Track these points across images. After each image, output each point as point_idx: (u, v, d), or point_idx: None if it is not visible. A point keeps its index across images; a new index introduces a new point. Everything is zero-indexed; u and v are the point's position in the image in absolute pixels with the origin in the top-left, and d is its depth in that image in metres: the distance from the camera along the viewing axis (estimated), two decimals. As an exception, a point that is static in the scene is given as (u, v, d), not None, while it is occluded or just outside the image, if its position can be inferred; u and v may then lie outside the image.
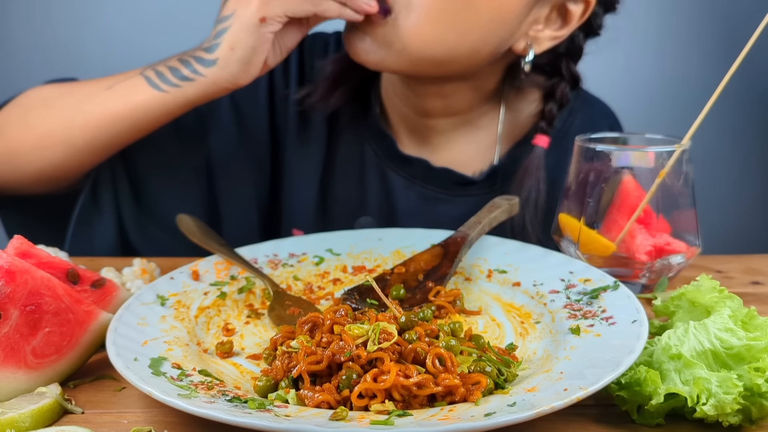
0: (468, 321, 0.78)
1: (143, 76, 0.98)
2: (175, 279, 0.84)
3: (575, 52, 1.09)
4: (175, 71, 0.96)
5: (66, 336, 0.70)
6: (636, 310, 0.71)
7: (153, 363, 0.66)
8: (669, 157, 0.86)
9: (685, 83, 2.00)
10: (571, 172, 0.92)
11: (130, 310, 0.75)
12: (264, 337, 0.77)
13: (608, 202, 0.89)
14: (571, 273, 0.82)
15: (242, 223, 1.16)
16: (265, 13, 0.91)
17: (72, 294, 0.71)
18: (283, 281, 0.87)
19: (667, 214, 0.88)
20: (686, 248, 0.88)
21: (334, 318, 0.68)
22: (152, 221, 1.12)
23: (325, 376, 0.64)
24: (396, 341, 0.64)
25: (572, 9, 1.02)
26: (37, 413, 0.62)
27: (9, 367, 0.66)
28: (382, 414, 0.59)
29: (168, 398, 0.59)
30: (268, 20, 0.91)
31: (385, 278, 0.85)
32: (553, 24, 1.03)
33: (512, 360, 0.67)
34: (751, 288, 0.95)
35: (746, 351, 0.62)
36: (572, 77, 1.10)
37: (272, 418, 0.57)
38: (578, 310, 0.75)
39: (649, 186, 0.86)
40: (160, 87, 0.96)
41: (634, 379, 0.62)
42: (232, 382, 0.67)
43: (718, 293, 0.71)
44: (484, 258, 0.89)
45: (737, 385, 0.59)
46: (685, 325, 0.65)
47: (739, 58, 0.82)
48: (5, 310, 0.66)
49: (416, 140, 1.15)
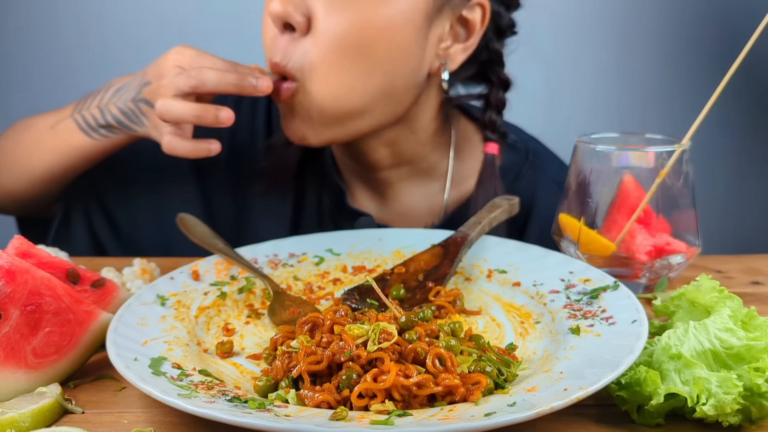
0: (468, 321, 0.78)
1: (73, 119, 1.03)
2: (175, 279, 0.84)
3: (496, 57, 1.08)
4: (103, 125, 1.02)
5: (66, 336, 0.70)
6: (636, 310, 0.71)
7: (153, 363, 0.66)
8: (669, 157, 0.86)
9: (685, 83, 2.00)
10: (571, 172, 0.92)
11: (130, 310, 0.75)
12: (264, 337, 0.77)
13: (608, 202, 0.89)
14: (571, 273, 0.82)
15: None
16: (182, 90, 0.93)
17: (72, 294, 0.71)
18: (283, 281, 0.87)
19: (667, 214, 0.88)
20: (686, 248, 0.88)
21: (334, 318, 0.68)
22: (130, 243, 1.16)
23: (325, 376, 0.64)
24: (396, 341, 0.64)
25: (471, 17, 1.01)
26: (37, 413, 0.62)
27: (9, 367, 0.66)
28: (382, 414, 0.59)
29: (168, 398, 0.59)
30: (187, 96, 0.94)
31: (385, 278, 0.85)
32: (459, 37, 1.03)
33: (512, 360, 0.67)
34: (751, 288, 0.95)
35: (746, 351, 0.62)
36: (501, 82, 1.09)
37: (272, 418, 0.57)
38: (578, 310, 0.75)
39: (649, 186, 0.86)
40: (91, 135, 1.02)
41: (634, 379, 0.62)
42: (232, 382, 0.67)
43: (718, 293, 0.71)
44: (484, 258, 0.89)
45: (737, 385, 0.59)
46: (685, 325, 0.65)
47: (739, 58, 0.82)
48: (5, 310, 0.66)
49: (369, 193, 1.14)
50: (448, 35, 1.01)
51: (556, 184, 1.13)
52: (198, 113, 0.92)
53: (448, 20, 1.00)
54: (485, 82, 1.11)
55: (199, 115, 0.92)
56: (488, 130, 1.10)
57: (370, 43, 0.93)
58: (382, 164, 1.09)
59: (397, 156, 1.09)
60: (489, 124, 1.10)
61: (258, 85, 0.92)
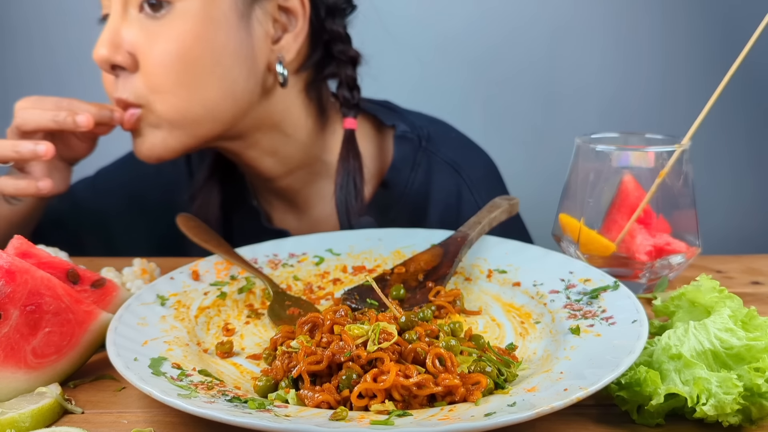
0: (468, 321, 0.78)
1: None
2: (175, 279, 0.84)
3: (337, 35, 1.09)
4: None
5: (66, 336, 0.70)
6: (636, 310, 0.71)
7: (153, 363, 0.66)
8: (669, 157, 0.86)
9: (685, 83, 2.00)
10: (571, 172, 0.92)
11: (130, 310, 0.75)
12: (264, 337, 0.77)
13: (608, 202, 0.89)
14: (571, 273, 0.82)
15: None
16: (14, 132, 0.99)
17: (72, 294, 0.71)
18: (283, 281, 0.87)
19: (667, 214, 0.88)
20: (686, 248, 0.88)
21: (334, 318, 0.68)
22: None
23: (325, 376, 0.64)
24: (396, 341, 0.64)
25: (290, 5, 1.03)
26: (37, 413, 0.62)
27: (9, 367, 0.66)
28: (382, 414, 0.59)
29: (168, 398, 0.59)
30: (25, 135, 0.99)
31: (385, 278, 0.85)
32: (287, 26, 1.04)
33: (512, 360, 0.67)
34: (751, 288, 0.95)
35: (746, 351, 0.62)
36: (349, 58, 1.10)
37: (272, 418, 0.57)
38: (578, 310, 0.75)
39: (649, 186, 0.86)
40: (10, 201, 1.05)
41: (634, 379, 0.62)
42: (232, 382, 0.67)
43: (718, 293, 0.71)
44: (484, 258, 0.89)
45: (737, 385, 0.59)
46: (685, 325, 0.65)
47: (739, 58, 0.82)
48: (5, 310, 0.66)
49: (284, 207, 1.17)
50: (273, 27, 1.02)
51: (450, 165, 1.14)
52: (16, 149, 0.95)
53: (268, 13, 1.01)
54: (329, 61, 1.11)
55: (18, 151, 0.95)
56: (344, 107, 1.11)
57: (194, 58, 0.97)
58: (274, 173, 1.12)
59: (284, 162, 1.11)
60: (343, 101, 1.11)
61: (77, 121, 0.96)
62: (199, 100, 0.99)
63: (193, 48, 0.96)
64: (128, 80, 0.98)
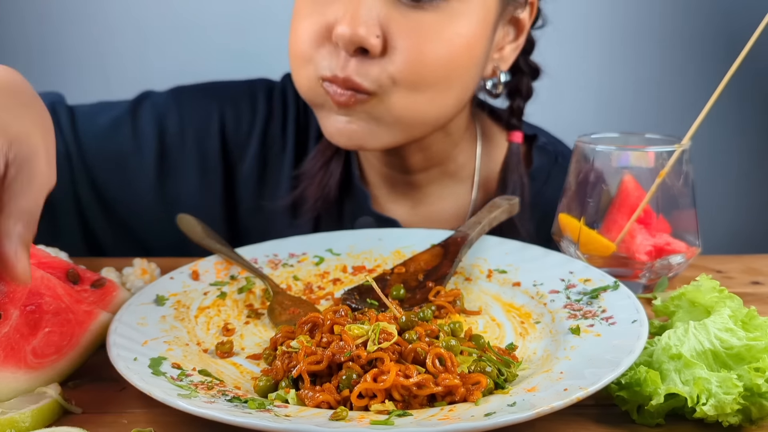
0: (468, 321, 0.78)
1: None
2: (175, 279, 0.84)
3: (528, 46, 1.08)
4: None
5: (66, 336, 0.70)
6: (636, 310, 0.71)
7: (153, 363, 0.66)
8: (669, 157, 0.86)
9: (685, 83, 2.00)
10: (571, 172, 0.92)
11: (130, 310, 0.75)
12: (264, 337, 0.77)
13: (608, 202, 0.89)
14: (571, 273, 0.82)
15: None
16: None
17: (72, 294, 0.71)
18: (283, 281, 0.87)
19: (667, 214, 0.88)
20: (686, 248, 0.88)
21: (334, 318, 0.68)
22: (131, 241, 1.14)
23: (325, 376, 0.64)
24: (396, 341, 0.64)
25: (522, 17, 1.02)
26: (37, 413, 0.62)
27: (9, 367, 0.66)
28: (382, 414, 0.59)
29: (168, 398, 0.59)
30: None
31: (385, 278, 0.85)
32: (509, 37, 1.03)
33: (512, 360, 0.67)
34: (751, 288, 0.95)
35: (746, 351, 0.62)
36: (532, 69, 1.10)
37: (272, 418, 0.57)
38: (578, 310, 0.75)
39: (649, 186, 0.86)
40: None
41: (634, 379, 0.62)
42: (232, 382, 0.67)
43: (718, 293, 0.71)
44: (484, 258, 0.89)
45: (737, 385, 0.59)
46: (685, 325, 0.65)
47: (739, 58, 0.82)
48: (5, 310, 0.66)
49: (396, 196, 1.13)
50: (503, 37, 1.01)
51: None
52: None
53: (506, 22, 1.00)
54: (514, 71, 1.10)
55: None
56: (514, 118, 1.09)
57: (457, 63, 0.93)
58: (415, 168, 1.08)
59: (429, 159, 1.08)
60: (516, 111, 1.09)
61: None
62: (440, 104, 0.95)
63: (461, 54, 0.92)
64: (369, 65, 0.90)
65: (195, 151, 1.13)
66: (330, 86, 0.92)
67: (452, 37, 0.91)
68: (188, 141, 1.13)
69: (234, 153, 1.14)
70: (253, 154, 1.14)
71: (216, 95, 1.16)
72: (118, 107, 1.13)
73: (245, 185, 1.14)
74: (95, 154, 1.10)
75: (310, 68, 0.94)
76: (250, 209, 1.15)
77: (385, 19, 0.89)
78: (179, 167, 1.13)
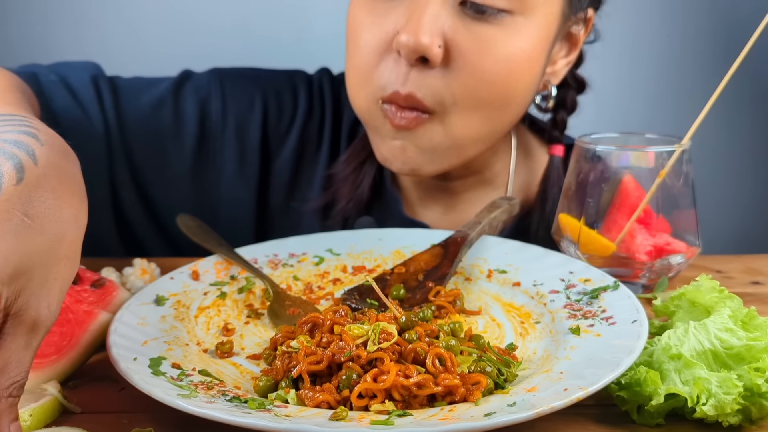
0: (468, 321, 0.78)
1: None
2: (175, 279, 0.84)
3: (578, 61, 1.08)
4: None
5: (66, 336, 0.70)
6: (636, 310, 0.71)
7: (153, 363, 0.66)
8: (669, 157, 0.86)
9: (685, 83, 1.99)
10: (571, 172, 0.92)
11: (130, 310, 0.75)
12: (264, 337, 0.77)
13: (608, 202, 0.89)
14: (571, 273, 0.82)
15: None
16: None
17: (72, 294, 0.71)
18: (283, 281, 0.87)
19: (667, 214, 0.88)
20: (686, 248, 0.88)
21: (334, 318, 0.68)
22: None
23: (325, 376, 0.64)
24: (396, 341, 0.64)
25: (577, 33, 1.01)
26: (38, 412, 0.62)
27: (9, 367, 0.66)
28: (382, 414, 0.59)
29: (168, 398, 0.59)
30: None
31: (385, 278, 0.85)
32: (563, 52, 1.02)
33: (512, 360, 0.67)
34: (751, 288, 0.95)
35: (746, 351, 0.62)
36: (578, 83, 1.09)
37: (272, 418, 0.57)
38: (578, 310, 0.75)
39: (649, 186, 0.86)
40: None
41: (634, 379, 0.62)
42: (232, 382, 0.67)
43: (718, 293, 0.71)
44: (484, 258, 0.89)
45: (737, 385, 0.59)
46: (685, 325, 0.65)
47: (739, 58, 0.82)
48: (5, 310, 0.66)
49: (427, 200, 1.11)
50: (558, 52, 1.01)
51: None
52: None
53: (560, 39, 1.00)
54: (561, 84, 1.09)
55: None
56: (557, 131, 1.08)
57: (517, 79, 0.91)
58: (453, 175, 1.06)
59: (469, 167, 1.05)
60: (560, 123, 1.08)
61: None
62: (496, 121, 0.93)
63: (521, 71, 0.91)
64: (430, 77, 0.89)
65: (234, 139, 1.10)
66: (389, 108, 0.91)
67: (513, 53, 0.90)
68: (229, 128, 1.10)
69: (272, 146, 1.12)
70: (291, 150, 1.12)
71: (259, 83, 1.13)
72: (160, 86, 1.10)
73: (277, 181, 1.12)
74: (136, 134, 1.07)
75: (369, 89, 0.93)
76: (280, 206, 1.13)
77: (448, 29, 0.88)
78: (218, 154, 1.10)
